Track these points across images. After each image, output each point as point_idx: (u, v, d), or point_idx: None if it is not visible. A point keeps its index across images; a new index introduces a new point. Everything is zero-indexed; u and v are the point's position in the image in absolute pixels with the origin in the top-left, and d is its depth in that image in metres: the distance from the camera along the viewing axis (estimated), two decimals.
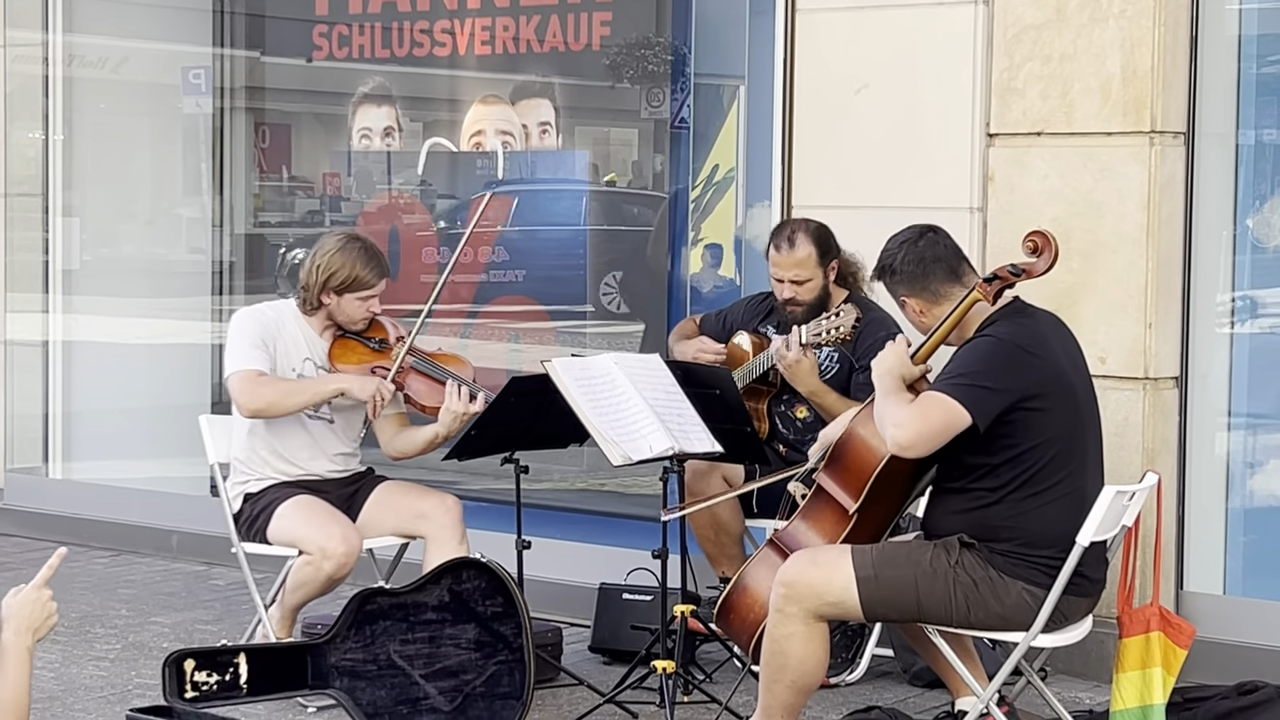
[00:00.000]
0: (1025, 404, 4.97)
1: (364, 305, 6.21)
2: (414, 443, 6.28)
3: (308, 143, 9.20)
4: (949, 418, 4.92)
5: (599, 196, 8.14)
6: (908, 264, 5.21)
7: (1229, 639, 6.23)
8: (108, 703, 6.10)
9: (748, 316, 6.62)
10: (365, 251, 6.20)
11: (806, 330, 6.05)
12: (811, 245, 6.31)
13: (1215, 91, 6.42)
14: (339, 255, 6.17)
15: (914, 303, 5.20)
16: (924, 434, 4.93)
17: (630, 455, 5.62)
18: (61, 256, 9.33)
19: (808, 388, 6.19)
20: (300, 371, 6.21)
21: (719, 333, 6.64)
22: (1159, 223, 6.31)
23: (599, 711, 5.87)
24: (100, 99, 9.49)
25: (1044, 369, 5.03)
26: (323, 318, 6.25)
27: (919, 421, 4.93)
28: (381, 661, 5.57)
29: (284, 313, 6.28)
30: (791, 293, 6.32)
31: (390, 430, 6.33)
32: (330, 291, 6.17)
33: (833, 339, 5.98)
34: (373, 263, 6.19)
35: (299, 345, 6.23)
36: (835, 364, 6.34)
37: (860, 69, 6.84)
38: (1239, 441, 6.56)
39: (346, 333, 6.27)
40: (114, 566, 8.40)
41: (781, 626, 5.04)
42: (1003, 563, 5.00)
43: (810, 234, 6.33)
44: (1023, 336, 5.06)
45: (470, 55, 8.05)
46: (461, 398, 6.12)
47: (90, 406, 9.37)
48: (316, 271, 6.18)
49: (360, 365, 6.21)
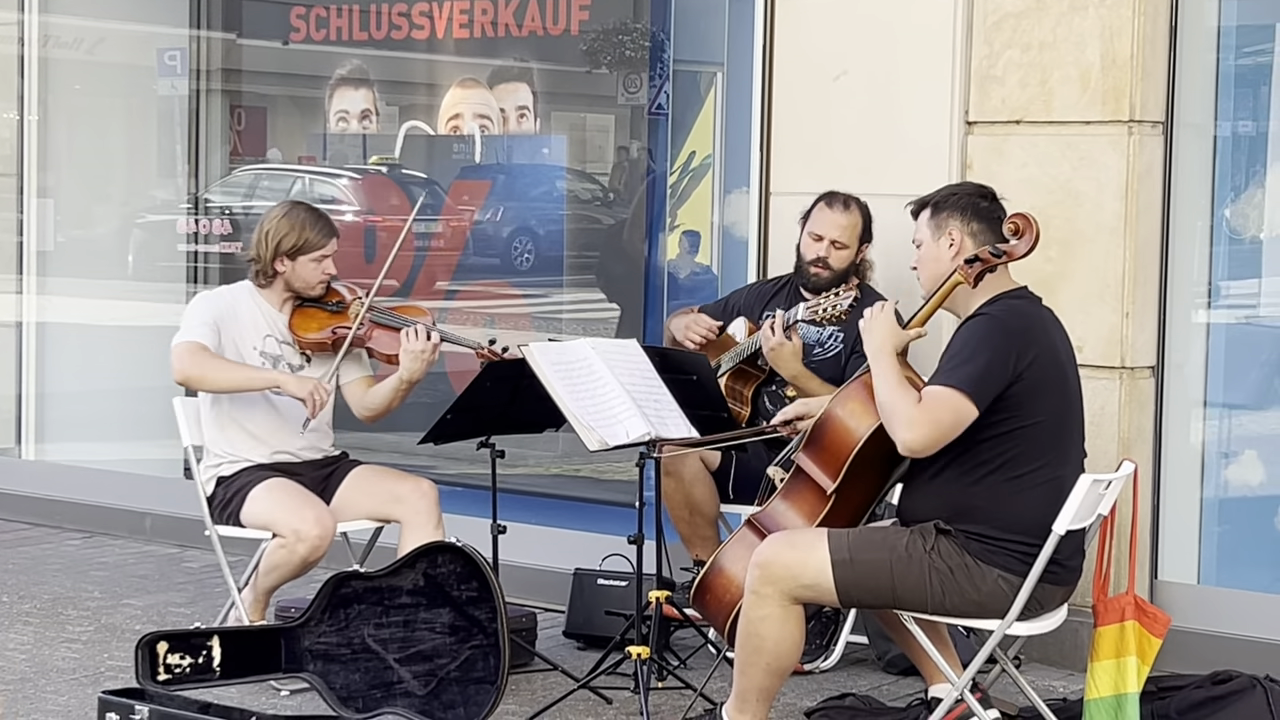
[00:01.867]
0: (1018, 382, 4.98)
1: (319, 267, 6.23)
2: (381, 394, 6.28)
3: (284, 125, 9.17)
4: (958, 416, 4.94)
5: (576, 181, 8.13)
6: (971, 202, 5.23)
7: (1203, 628, 6.24)
8: (80, 685, 6.08)
9: (751, 300, 6.63)
10: (311, 212, 6.27)
11: (804, 307, 6.06)
12: (860, 216, 6.40)
13: (1194, 82, 6.42)
14: (285, 220, 6.21)
15: (959, 234, 5.17)
16: (934, 436, 4.95)
17: (606, 440, 5.61)
18: (36, 238, 9.30)
19: (790, 372, 6.21)
20: (262, 349, 6.23)
21: (721, 319, 6.64)
22: (1137, 212, 6.32)
23: (573, 697, 5.87)
24: (75, 80, 9.46)
25: (1039, 351, 5.05)
26: (280, 289, 6.26)
27: (929, 425, 4.94)
28: (356, 645, 5.56)
29: (239, 294, 6.30)
30: (826, 253, 6.36)
31: (358, 393, 6.34)
32: (283, 257, 6.20)
33: (828, 316, 6.00)
34: (320, 223, 6.24)
35: (257, 324, 6.23)
36: (840, 344, 6.35)
37: (839, 56, 6.83)
38: (1214, 431, 6.57)
39: (305, 301, 6.27)
40: (87, 548, 8.38)
41: (757, 608, 5.04)
42: (978, 549, 5.01)
43: (861, 207, 6.42)
44: (1021, 317, 5.09)
45: (448, 39, 8.03)
46: (418, 337, 6.13)
47: (64, 388, 9.34)
48: (266, 239, 6.22)
49: (322, 329, 6.23)
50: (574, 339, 6.13)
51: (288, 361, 6.25)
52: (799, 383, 6.23)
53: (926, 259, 5.24)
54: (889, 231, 6.36)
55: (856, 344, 6.24)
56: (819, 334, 6.39)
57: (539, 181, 8.20)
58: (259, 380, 6.13)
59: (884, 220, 6.38)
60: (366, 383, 6.35)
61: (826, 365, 6.33)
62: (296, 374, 6.18)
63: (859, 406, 5.17)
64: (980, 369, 4.96)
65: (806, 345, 6.35)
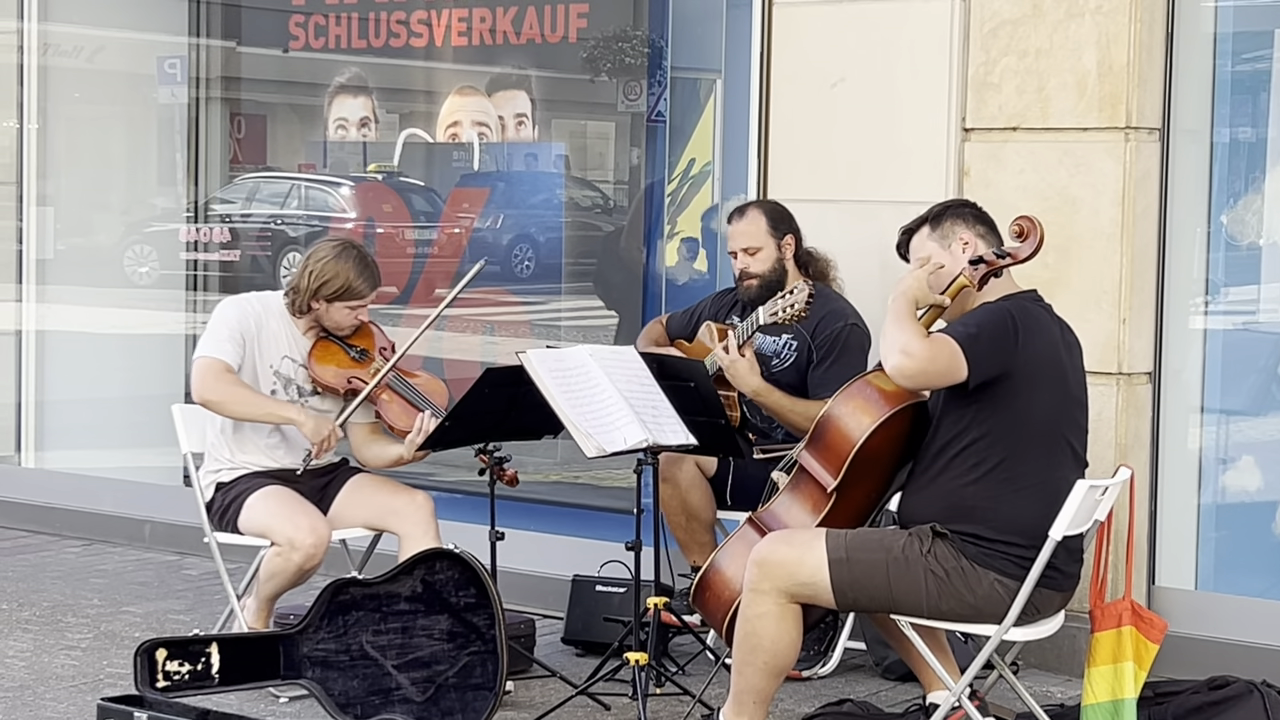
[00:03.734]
0: (1018, 375, 5.00)
1: (353, 314, 6.22)
2: (381, 458, 6.30)
3: (283, 133, 9.18)
4: (953, 365, 4.96)
5: (575, 189, 8.14)
6: (965, 210, 5.29)
7: (1200, 634, 6.25)
8: (79, 692, 6.09)
9: (714, 309, 6.64)
10: (360, 261, 6.20)
11: (764, 310, 6.06)
12: (761, 215, 6.42)
13: (1190, 88, 6.43)
14: (334, 263, 6.16)
15: (970, 237, 5.20)
16: (928, 371, 4.98)
17: (604, 447, 5.62)
18: (35, 245, 9.30)
19: (750, 388, 6.19)
20: (278, 369, 6.21)
21: (687, 329, 6.65)
22: (1134, 218, 6.32)
23: (572, 703, 5.87)
24: (75, 88, 9.47)
25: (1043, 348, 5.07)
26: (310, 320, 6.25)
27: (927, 357, 4.95)
28: (354, 652, 5.56)
29: (270, 306, 6.27)
30: (744, 263, 6.37)
31: (360, 436, 6.34)
32: (321, 299, 6.17)
33: (789, 316, 5.99)
34: (366, 273, 6.19)
35: (279, 342, 6.22)
36: (794, 352, 6.34)
37: (837, 63, 6.84)
38: (1212, 437, 6.58)
39: (330, 335, 6.26)
40: (86, 556, 8.38)
41: (754, 606, 5.05)
42: (975, 552, 5.02)
43: (760, 206, 6.47)
44: (1030, 315, 5.12)
45: (447, 46, 8.04)
46: (427, 428, 6.11)
47: (63, 396, 9.34)
48: (309, 278, 6.17)
49: (339, 373, 6.21)
50: (572, 346, 6.14)
51: (297, 384, 6.25)
52: (759, 398, 6.21)
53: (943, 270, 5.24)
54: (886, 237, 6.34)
55: (813, 352, 6.26)
56: (775, 344, 6.36)
57: (538, 189, 8.21)
58: (278, 414, 6.11)
59: (881, 227, 6.37)
60: (371, 429, 6.33)
61: (786, 374, 6.32)
62: (312, 412, 6.14)
63: (861, 404, 5.19)
64: (983, 338, 4.99)
65: (764, 356, 6.33)
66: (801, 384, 6.26)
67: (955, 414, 5.08)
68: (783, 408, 6.16)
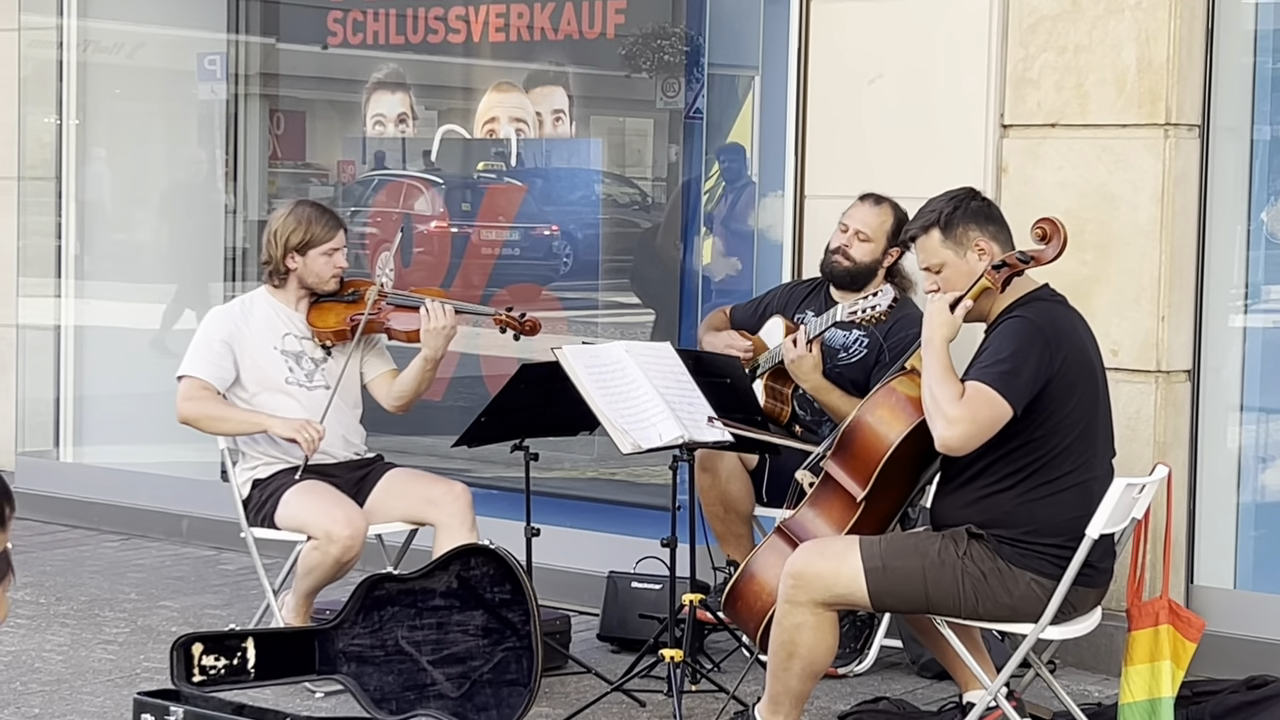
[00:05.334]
0: (1052, 385, 4.97)
1: (329, 261, 6.26)
2: (408, 380, 6.29)
3: (322, 129, 9.20)
4: (995, 415, 4.92)
5: (613, 185, 8.13)
6: (975, 206, 5.19)
7: (1239, 633, 6.21)
8: (115, 686, 6.11)
9: (783, 302, 6.62)
10: (315, 208, 6.34)
11: (844, 308, 6.05)
12: (893, 217, 6.38)
13: (1230, 85, 6.40)
14: (290, 217, 6.27)
15: (985, 242, 5.13)
16: (973, 435, 4.94)
17: (640, 443, 5.61)
18: (75, 241, 9.33)
19: (811, 384, 6.20)
20: (282, 347, 6.26)
21: (753, 320, 6.64)
22: (1172, 216, 6.29)
23: (606, 700, 5.87)
24: (115, 84, 9.49)
25: (1072, 353, 5.04)
26: (295, 288, 6.29)
27: (969, 422, 4.92)
28: (389, 647, 5.57)
29: (254, 301, 6.35)
30: (848, 242, 6.37)
31: (385, 385, 6.35)
32: (293, 253, 6.23)
33: (868, 317, 5.97)
34: (325, 216, 6.29)
35: (273, 326, 6.26)
36: (863, 348, 6.34)
37: (874, 59, 6.83)
38: (1251, 435, 6.54)
39: (320, 297, 6.29)
40: (124, 550, 8.41)
41: (790, 616, 5.04)
42: (1011, 553, 5.00)
43: (896, 209, 6.39)
44: (1054, 320, 5.07)
45: (484, 42, 8.04)
46: (435, 314, 6.13)
47: (102, 391, 9.37)
48: (274, 238, 6.27)
49: (340, 321, 6.24)
50: (608, 342, 6.13)
51: (309, 356, 6.27)
52: (818, 395, 6.22)
53: (958, 278, 5.12)
54: None
55: (882, 352, 6.24)
56: (845, 338, 6.37)
57: (575, 185, 8.21)
58: (249, 424, 6.18)
59: None
60: (391, 375, 6.36)
61: (851, 369, 6.32)
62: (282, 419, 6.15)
63: (888, 413, 5.16)
64: (1018, 370, 4.94)
65: (832, 349, 6.34)
66: (865, 381, 6.24)
67: None
68: (839, 407, 6.14)
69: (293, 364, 6.25)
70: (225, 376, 6.21)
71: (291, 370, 6.25)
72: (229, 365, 6.20)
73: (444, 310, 6.15)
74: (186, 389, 6.21)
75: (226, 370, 6.20)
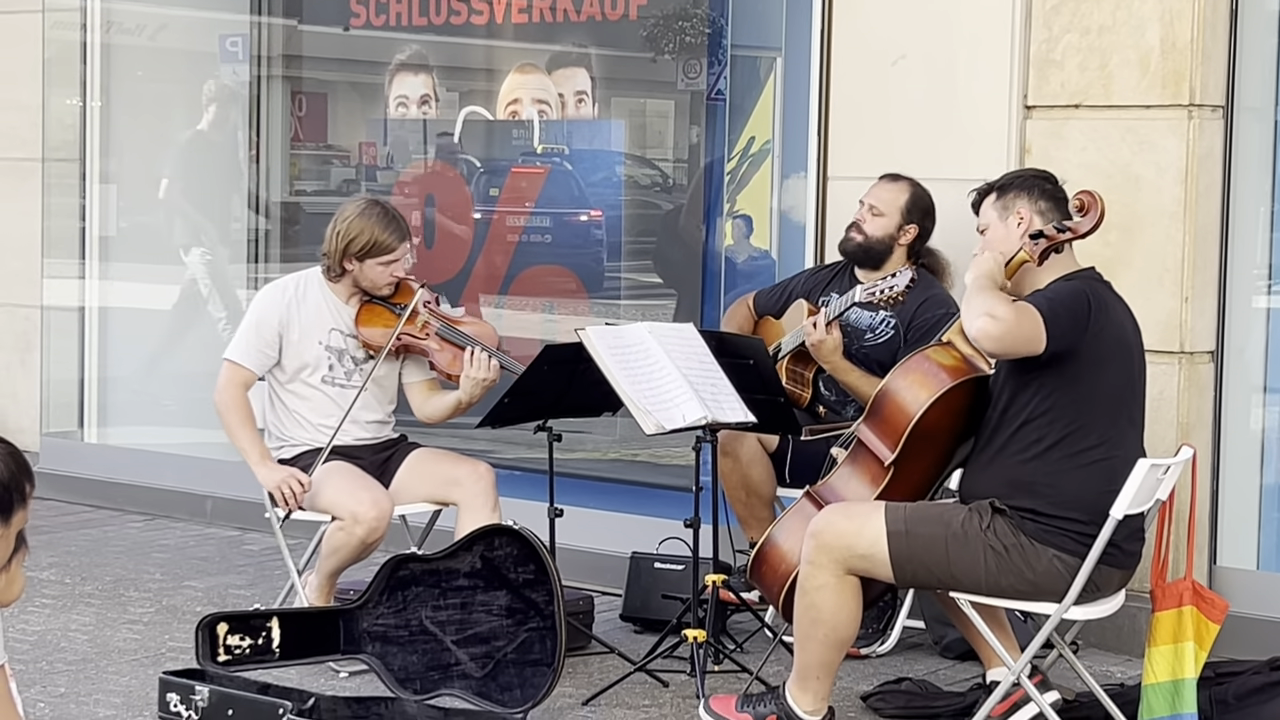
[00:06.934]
0: (1085, 349, 4.98)
1: (386, 270, 6.22)
2: (439, 409, 6.31)
3: (344, 111, 9.21)
4: (1035, 332, 4.93)
5: (635, 167, 8.13)
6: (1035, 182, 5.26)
7: (1262, 614, 6.21)
8: (141, 665, 6.13)
9: (808, 286, 6.62)
10: (384, 215, 6.22)
11: (862, 289, 6.05)
12: (906, 192, 6.38)
13: (1254, 65, 6.38)
14: (358, 220, 6.19)
15: (1027, 211, 5.17)
16: (1013, 334, 4.91)
17: (663, 424, 5.62)
18: (99, 223, 9.36)
19: (831, 365, 6.21)
20: (327, 343, 6.24)
21: (776, 305, 6.64)
22: (1196, 197, 6.29)
23: (630, 679, 5.88)
24: (138, 66, 9.51)
25: (1110, 327, 5.06)
26: (348, 284, 6.27)
27: (1013, 321, 4.90)
28: (413, 627, 5.58)
29: (309, 285, 6.31)
30: (861, 217, 6.37)
31: (420, 395, 6.36)
32: (351, 258, 6.19)
33: (886, 298, 5.98)
34: (392, 226, 6.20)
35: (323, 316, 6.25)
36: (890, 329, 6.34)
37: (898, 40, 6.82)
38: (1275, 416, 6.53)
39: (373, 298, 6.28)
40: (148, 531, 8.44)
41: (812, 578, 5.05)
42: (1033, 529, 5.00)
43: (914, 186, 6.40)
44: (1098, 293, 5.10)
45: (507, 24, 8.04)
46: (478, 363, 6.13)
47: (126, 372, 9.40)
48: (336, 238, 6.21)
49: (385, 331, 6.22)
50: (632, 323, 6.14)
51: (351, 355, 6.27)
52: (839, 375, 6.23)
53: (995, 240, 5.21)
54: (947, 215, 6.34)
55: (910, 331, 6.25)
56: (871, 319, 6.37)
57: (598, 167, 8.21)
58: (245, 452, 6.19)
59: (942, 205, 6.36)
60: (428, 386, 6.36)
61: (878, 350, 6.32)
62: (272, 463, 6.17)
63: (920, 378, 5.18)
64: (1058, 314, 4.96)
65: (858, 330, 6.34)
66: (892, 362, 6.22)
67: (1018, 389, 5.06)
68: (860, 387, 6.14)
69: (334, 361, 6.25)
70: (268, 362, 6.24)
71: (331, 368, 6.26)
72: (274, 352, 6.22)
73: (488, 364, 6.14)
74: (227, 376, 6.22)
75: (270, 356, 6.23)
